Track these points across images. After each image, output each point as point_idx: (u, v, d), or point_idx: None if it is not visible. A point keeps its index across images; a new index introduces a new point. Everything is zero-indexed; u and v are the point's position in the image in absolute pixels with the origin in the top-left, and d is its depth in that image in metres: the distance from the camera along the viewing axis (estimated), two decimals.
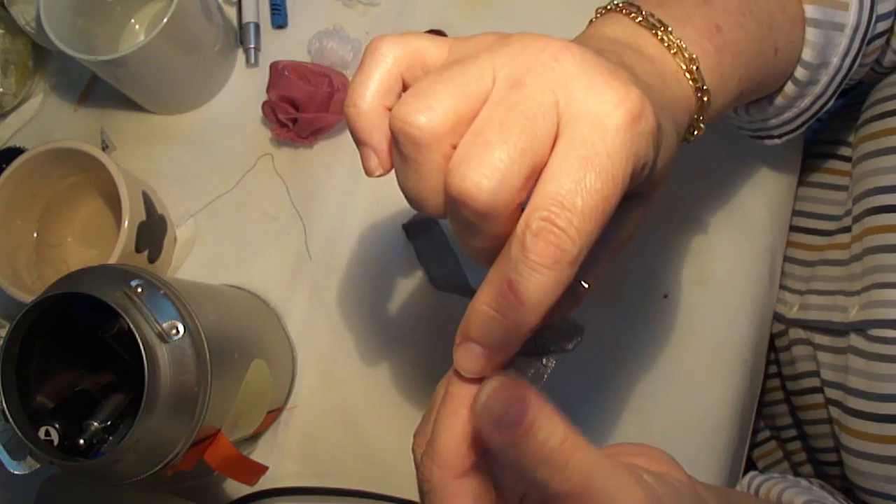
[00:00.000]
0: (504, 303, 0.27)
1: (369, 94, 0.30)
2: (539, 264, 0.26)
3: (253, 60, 0.63)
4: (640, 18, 0.36)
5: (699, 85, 0.35)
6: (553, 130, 0.27)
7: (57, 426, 0.43)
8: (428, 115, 0.27)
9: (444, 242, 0.55)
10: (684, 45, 0.35)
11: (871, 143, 0.50)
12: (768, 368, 0.62)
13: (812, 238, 0.57)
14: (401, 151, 0.28)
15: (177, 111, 0.63)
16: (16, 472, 0.42)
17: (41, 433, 0.43)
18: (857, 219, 0.50)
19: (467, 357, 0.29)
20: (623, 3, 0.37)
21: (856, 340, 0.48)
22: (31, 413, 0.43)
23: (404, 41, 0.30)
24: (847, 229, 0.53)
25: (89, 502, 0.51)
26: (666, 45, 0.35)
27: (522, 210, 0.29)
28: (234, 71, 0.64)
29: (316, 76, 0.58)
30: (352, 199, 0.59)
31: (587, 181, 0.26)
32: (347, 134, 0.60)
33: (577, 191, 0.26)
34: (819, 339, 0.53)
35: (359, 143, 0.31)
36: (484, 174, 0.26)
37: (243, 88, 0.63)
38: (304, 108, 0.57)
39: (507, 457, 0.27)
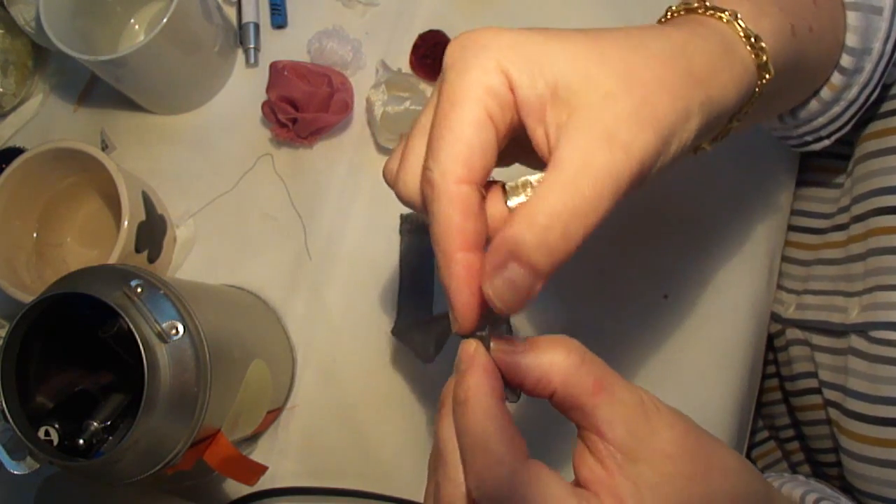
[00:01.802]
0: (434, 249, 0.31)
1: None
2: (426, 206, 0.31)
3: (253, 60, 0.63)
4: (671, 13, 0.37)
5: (743, 28, 0.34)
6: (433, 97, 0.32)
7: (57, 426, 0.43)
8: (389, 163, 0.35)
9: (429, 252, 0.55)
10: (716, 5, 0.34)
11: (874, 141, 0.49)
12: (767, 368, 0.62)
13: (807, 237, 0.57)
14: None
15: (177, 111, 0.63)
16: (16, 472, 0.42)
17: (41, 433, 0.43)
18: (859, 218, 0.50)
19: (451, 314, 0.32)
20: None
21: (856, 342, 0.48)
22: (31, 413, 0.43)
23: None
24: (841, 227, 0.53)
25: (89, 502, 0.51)
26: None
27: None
28: (233, 71, 0.64)
29: (316, 76, 0.58)
30: (352, 199, 0.59)
31: (436, 115, 0.30)
32: (347, 134, 0.61)
33: (433, 130, 0.30)
34: (817, 339, 0.53)
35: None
36: (399, 174, 0.32)
37: (243, 88, 0.63)
38: (304, 108, 0.57)
39: (530, 376, 0.30)
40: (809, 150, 0.49)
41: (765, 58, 0.34)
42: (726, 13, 0.34)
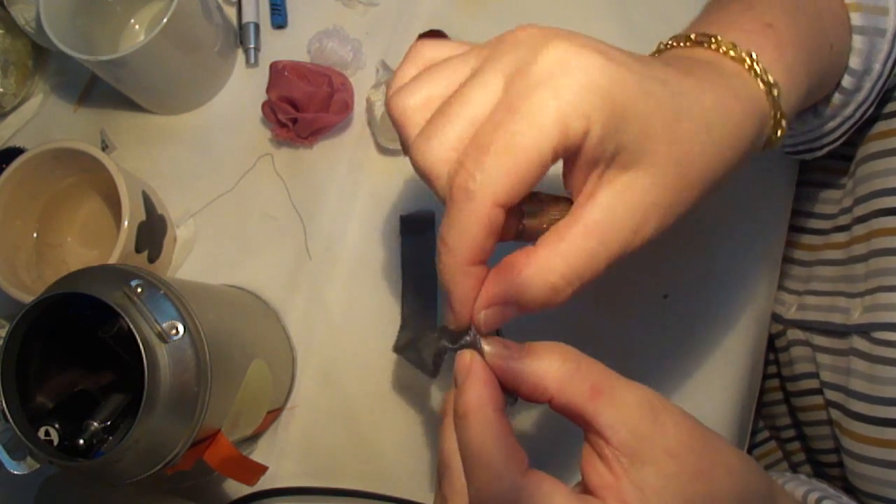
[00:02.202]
0: (438, 248, 0.29)
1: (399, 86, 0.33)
2: (450, 205, 0.28)
3: (253, 60, 0.63)
4: (689, 43, 0.36)
5: (765, 78, 0.34)
6: (496, 93, 0.29)
7: (57, 426, 0.43)
8: (407, 98, 0.31)
9: (432, 246, 0.55)
10: (736, 45, 0.35)
11: (877, 143, 0.50)
12: (768, 368, 0.62)
13: (809, 238, 0.57)
14: (397, 131, 0.32)
15: (177, 111, 0.63)
16: (16, 472, 0.42)
17: (41, 433, 0.43)
18: (861, 219, 0.50)
19: (446, 308, 0.31)
20: (671, 38, 0.38)
21: (858, 343, 0.48)
22: (31, 413, 0.43)
23: (437, 45, 0.34)
24: (843, 228, 0.53)
25: (89, 502, 0.51)
26: (721, 50, 0.35)
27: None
28: (234, 71, 0.64)
29: (316, 76, 0.58)
30: (352, 199, 0.59)
31: (503, 121, 0.27)
32: (347, 134, 0.61)
33: (491, 132, 0.28)
34: (818, 340, 0.53)
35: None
36: (422, 141, 0.29)
37: (243, 88, 0.63)
38: (304, 108, 0.57)
39: (526, 384, 0.30)
40: (802, 158, 0.50)
41: (780, 133, 0.36)
42: (770, 81, 0.34)
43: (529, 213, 0.32)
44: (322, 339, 0.56)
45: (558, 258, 0.29)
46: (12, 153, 0.62)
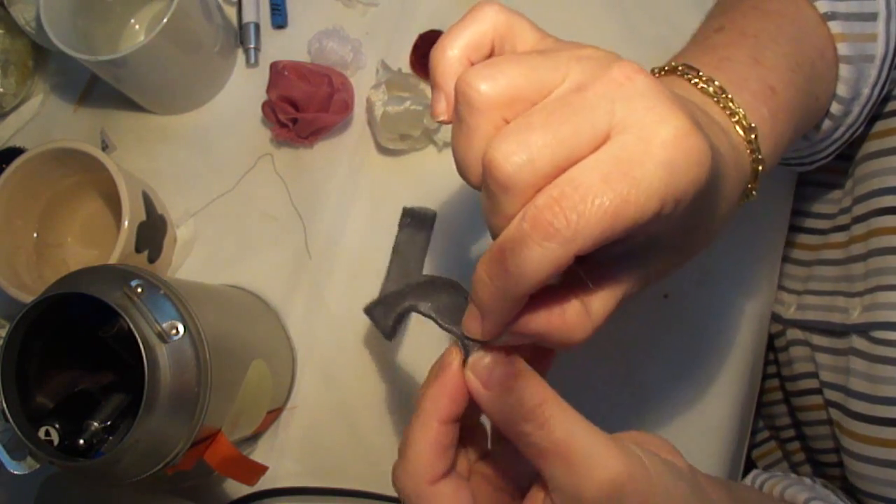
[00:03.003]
0: (493, 268, 0.28)
1: (458, 44, 0.32)
2: (529, 235, 0.26)
3: (253, 60, 0.63)
4: (701, 84, 0.37)
5: (756, 156, 0.36)
6: (600, 134, 0.27)
7: (57, 426, 0.43)
8: (489, 83, 0.28)
9: (424, 246, 0.54)
10: (744, 114, 0.36)
11: (876, 142, 0.50)
12: (767, 368, 0.62)
13: (808, 237, 0.57)
14: (459, 112, 0.29)
15: (177, 111, 0.63)
16: (16, 472, 0.42)
17: (41, 433, 0.43)
18: (860, 219, 0.50)
19: (468, 317, 0.30)
20: (682, 65, 0.38)
21: (858, 342, 0.48)
22: (31, 413, 0.43)
23: (508, 13, 0.32)
24: (842, 228, 0.53)
25: (89, 502, 0.51)
26: (729, 113, 0.36)
27: None
28: (234, 71, 0.64)
29: (316, 76, 0.58)
30: (352, 199, 0.59)
31: (612, 179, 0.26)
32: (347, 134, 0.61)
33: (597, 183, 0.26)
34: (817, 339, 0.53)
35: (434, 85, 0.32)
36: (514, 149, 0.27)
37: (243, 88, 0.63)
38: (304, 108, 0.57)
39: (494, 414, 0.30)
40: (794, 170, 0.51)
41: (752, 196, 0.38)
42: (759, 158, 0.36)
43: None
44: (322, 339, 0.56)
45: (591, 320, 0.30)
46: (12, 153, 0.62)
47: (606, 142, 0.27)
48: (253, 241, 0.59)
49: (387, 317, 0.36)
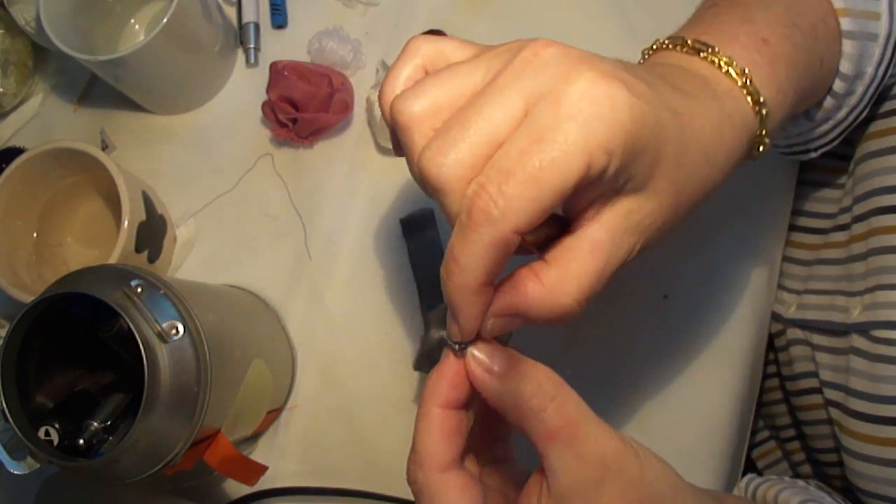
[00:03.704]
0: (448, 266, 0.29)
1: (397, 84, 0.34)
2: (466, 226, 0.28)
3: (253, 60, 0.63)
4: (685, 48, 0.37)
5: (756, 98, 0.35)
6: (515, 114, 0.28)
7: (57, 426, 0.43)
8: (411, 102, 0.30)
9: (437, 243, 0.55)
10: (731, 59, 0.35)
11: (875, 141, 0.50)
12: (767, 368, 0.62)
13: (809, 237, 0.57)
14: (399, 137, 0.32)
15: (177, 111, 0.63)
16: (16, 472, 0.42)
17: (41, 433, 0.43)
18: (860, 218, 0.50)
19: (449, 322, 0.31)
20: (667, 38, 0.38)
21: (858, 341, 0.48)
22: (31, 413, 0.43)
23: (434, 41, 0.34)
24: (843, 227, 0.53)
25: (89, 502, 0.51)
26: (716, 64, 0.35)
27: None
28: (234, 71, 0.64)
29: (316, 76, 0.58)
30: (352, 199, 0.59)
31: (528, 150, 0.27)
32: (347, 134, 0.61)
33: (515, 158, 0.27)
34: (818, 339, 0.53)
35: (386, 123, 0.34)
36: (436, 152, 0.28)
37: (243, 88, 0.63)
38: (304, 108, 0.57)
39: (500, 398, 0.30)
40: (797, 159, 0.50)
41: (762, 149, 0.37)
42: (760, 101, 0.35)
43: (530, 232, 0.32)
44: (322, 339, 0.56)
45: (569, 280, 0.30)
46: (12, 153, 0.62)
47: (525, 118, 0.28)
48: (253, 241, 0.59)
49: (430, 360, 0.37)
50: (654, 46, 0.39)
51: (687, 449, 0.52)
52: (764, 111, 0.36)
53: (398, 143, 0.33)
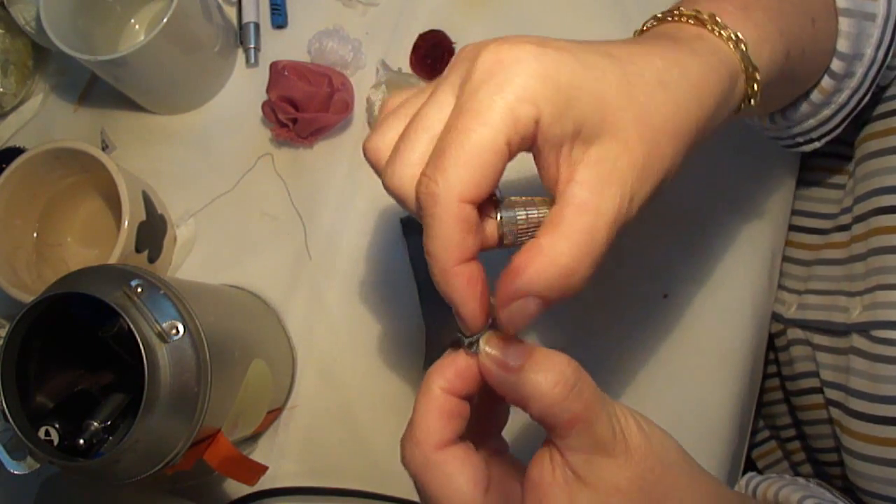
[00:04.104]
0: (427, 262, 0.30)
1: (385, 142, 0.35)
2: (423, 216, 0.29)
3: (253, 60, 0.63)
4: (656, 20, 0.37)
5: (727, 34, 0.34)
6: (448, 108, 0.30)
7: (57, 426, 0.43)
8: (375, 141, 0.33)
9: None
10: (698, 12, 0.35)
11: (875, 141, 0.50)
12: (768, 368, 0.62)
13: (809, 237, 0.57)
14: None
15: (177, 111, 0.63)
16: (16, 472, 0.42)
17: (41, 433, 0.43)
18: (860, 218, 0.50)
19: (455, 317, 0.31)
20: (653, 16, 0.38)
21: (858, 341, 0.48)
22: (31, 413, 0.43)
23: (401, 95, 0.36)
24: (844, 228, 0.53)
25: (89, 502, 0.51)
26: (682, 19, 0.36)
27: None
28: (234, 71, 0.64)
29: (316, 76, 0.58)
30: (352, 199, 0.59)
31: (453, 125, 0.29)
32: (347, 134, 0.61)
33: (445, 137, 0.29)
34: (818, 339, 0.53)
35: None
36: (390, 165, 0.31)
37: (243, 88, 0.63)
38: (304, 108, 0.57)
39: (518, 392, 0.30)
40: (801, 151, 0.49)
41: (756, 87, 0.36)
42: (733, 37, 0.35)
43: (507, 218, 0.32)
44: (322, 339, 0.56)
45: (561, 241, 0.29)
46: (12, 153, 0.62)
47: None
48: (253, 241, 0.59)
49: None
50: (643, 27, 0.39)
51: (687, 449, 0.51)
52: (742, 46, 0.34)
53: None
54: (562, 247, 0.29)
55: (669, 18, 0.36)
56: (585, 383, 0.30)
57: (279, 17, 0.63)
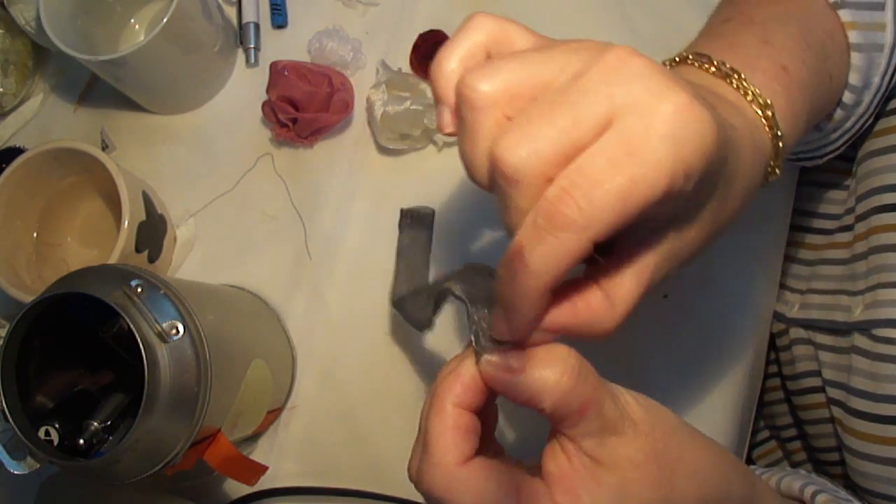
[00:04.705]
0: (512, 265, 0.28)
1: (455, 57, 0.32)
2: (544, 229, 0.27)
3: (253, 60, 0.63)
4: (713, 69, 0.37)
5: (775, 131, 0.36)
6: (601, 119, 0.27)
7: (57, 426, 0.43)
8: (487, 82, 0.29)
9: (428, 242, 0.54)
10: (758, 91, 0.36)
11: (877, 140, 0.50)
12: (768, 368, 0.62)
13: (812, 237, 0.57)
14: (462, 115, 0.30)
15: (177, 111, 0.63)
16: (16, 472, 0.42)
17: (41, 433, 0.43)
18: (861, 217, 0.50)
19: (496, 318, 0.30)
20: (692, 53, 0.38)
21: (859, 340, 0.48)
22: (31, 413, 0.43)
23: (500, 21, 0.33)
24: (847, 228, 0.53)
25: (89, 502, 0.51)
26: (742, 92, 0.36)
27: None
28: (234, 71, 0.64)
29: (316, 76, 0.58)
30: (352, 199, 0.59)
31: (618, 162, 0.26)
32: (347, 134, 0.61)
33: (605, 168, 0.26)
34: (820, 338, 0.53)
35: (437, 99, 0.33)
36: (517, 142, 0.27)
37: (243, 88, 0.63)
38: (304, 108, 0.57)
39: (525, 393, 0.29)
40: (803, 165, 0.50)
41: (777, 171, 0.37)
42: (775, 127, 0.36)
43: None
44: (322, 339, 0.56)
45: (615, 305, 0.30)
46: (12, 153, 0.62)
47: (609, 126, 0.27)
48: (253, 241, 0.59)
49: (419, 308, 0.36)
50: (677, 59, 0.39)
51: None
52: (781, 144, 0.36)
53: (451, 119, 0.32)
54: (614, 312, 0.30)
55: (729, 81, 0.37)
56: (587, 368, 0.30)
57: (279, 17, 0.63)
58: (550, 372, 0.29)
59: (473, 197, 0.57)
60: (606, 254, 0.31)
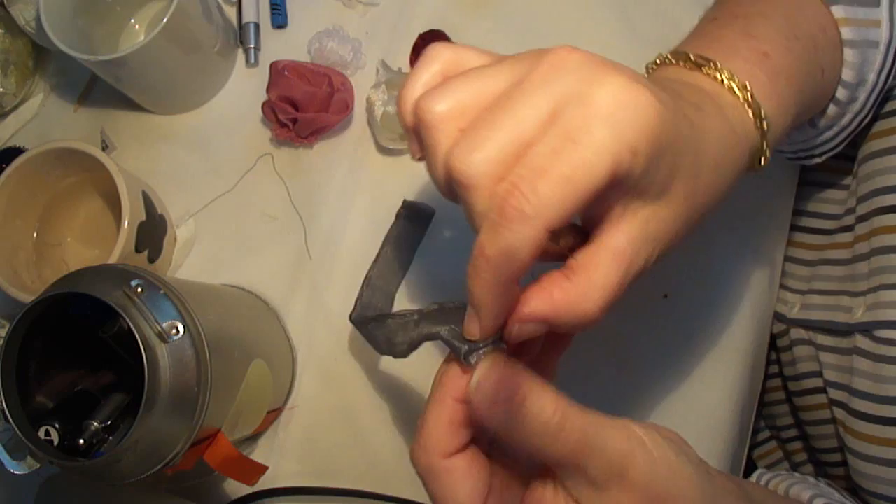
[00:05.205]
0: (475, 263, 0.29)
1: (417, 89, 0.34)
2: (497, 223, 0.28)
3: (253, 60, 0.63)
4: (688, 63, 0.37)
5: (757, 111, 0.36)
6: (544, 116, 0.29)
7: (57, 426, 0.43)
8: (440, 102, 0.31)
9: (419, 239, 0.54)
10: (734, 75, 0.36)
11: (878, 141, 0.50)
12: (769, 368, 0.62)
13: (813, 237, 0.57)
14: (421, 136, 0.32)
15: (177, 111, 0.63)
16: (16, 472, 0.42)
17: (41, 433, 0.43)
18: (862, 218, 0.50)
19: (467, 320, 0.31)
20: (670, 53, 0.39)
21: (861, 342, 0.48)
22: (31, 413, 0.43)
23: (454, 48, 0.34)
24: (848, 228, 0.53)
25: (89, 502, 0.51)
26: (718, 79, 0.36)
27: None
28: (234, 71, 0.64)
29: (316, 76, 0.58)
30: (352, 199, 0.59)
31: (560, 150, 0.28)
32: (347, 134, 0.61)
33: (548, 157, 0.28)
34: (821, 339, 0.53)
35: (405, 130, 0.35)
36: (467, 149, 0.29)
37: (243, 88, 0.63)
38: (304, 108, 0.57)
39: (504, 432, 0.30)
40: (802, 164, 0.50)
41: (763, 162, 0.38)
42: (763, 117, 0.36)
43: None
44: (322, 339, 0.56)
45: (594, 288, 0.30)
46: (12, 153, 0.62)
47: (553, 121, 0.28)
48: (253, 241, 0.59)
49: (384, 334, 0.37)
50: (658, 61, 0.40)
51: None
52: (765, 124, 0.36)
53: (418, 145, 0.33)
54: (594, 295, 0.30)
55: (705, 69, 0.37)
56: (575, 414, 0.30)
57: (279, 17, 0.63)
58: (540, 413, 0.29)
59: None
60: (584, 243, 0.32)
